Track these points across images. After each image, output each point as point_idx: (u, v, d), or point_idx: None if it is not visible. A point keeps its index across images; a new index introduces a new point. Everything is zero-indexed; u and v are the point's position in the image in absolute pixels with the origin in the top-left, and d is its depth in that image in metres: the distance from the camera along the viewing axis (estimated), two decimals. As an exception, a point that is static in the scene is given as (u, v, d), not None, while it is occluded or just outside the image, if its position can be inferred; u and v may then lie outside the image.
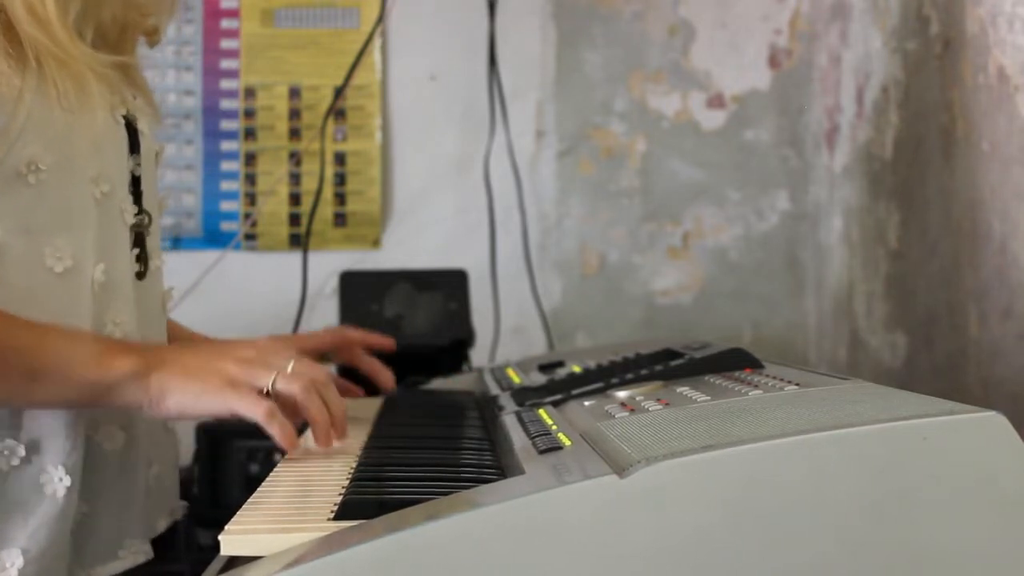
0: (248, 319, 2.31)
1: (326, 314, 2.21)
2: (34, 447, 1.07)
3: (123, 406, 1.07)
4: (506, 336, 2.29)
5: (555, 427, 1.02)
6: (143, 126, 1.21)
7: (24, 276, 1.07)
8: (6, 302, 1.04)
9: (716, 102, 2.37)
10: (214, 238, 2.35)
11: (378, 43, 2.35)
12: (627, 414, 0.98)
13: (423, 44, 2.37)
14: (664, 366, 1.20)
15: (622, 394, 1.11)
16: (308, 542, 0.81)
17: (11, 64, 1.04)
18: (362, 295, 1.93)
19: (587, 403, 1.11)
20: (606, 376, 1.21)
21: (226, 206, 2.36)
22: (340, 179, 2.37)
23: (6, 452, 1.07)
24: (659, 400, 1.03)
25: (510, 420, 1.13)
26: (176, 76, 2.36)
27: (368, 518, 0.82)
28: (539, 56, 2.37)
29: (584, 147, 2.37)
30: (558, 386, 1.24)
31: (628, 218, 2.37)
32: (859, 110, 2.11)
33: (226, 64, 2.36)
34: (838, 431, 0.78)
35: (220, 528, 0.84)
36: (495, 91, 2.34)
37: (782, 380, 1.03)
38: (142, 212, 1.19)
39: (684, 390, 1.07)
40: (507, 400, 1.28)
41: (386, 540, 0.75)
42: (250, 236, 2.36)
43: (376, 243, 2.37)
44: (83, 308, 1.10)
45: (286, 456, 1.12)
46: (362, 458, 1.08)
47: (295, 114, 2.36)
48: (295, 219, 2.36)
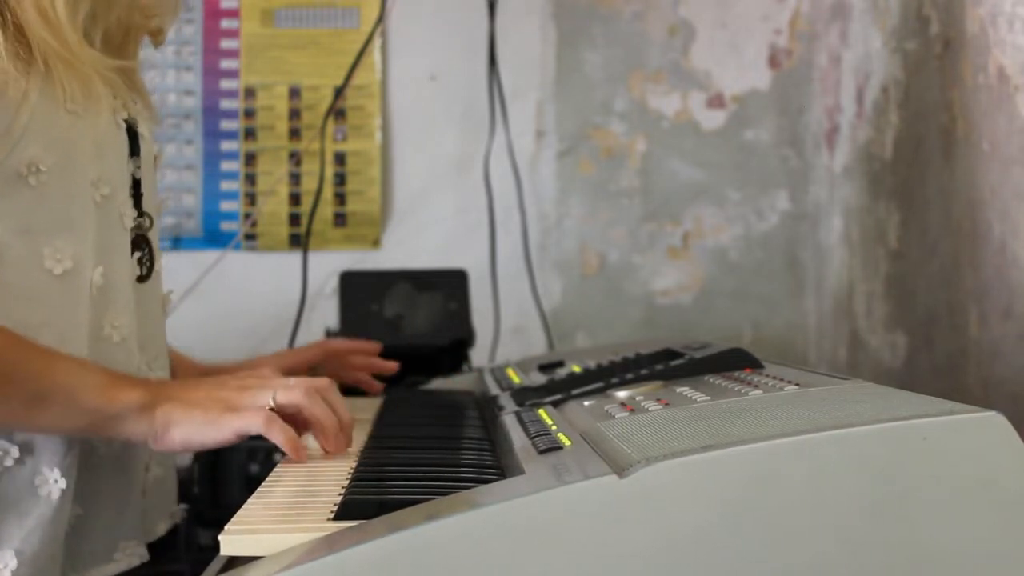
0: (248, 319, 2.31)
1: (326, 314, 2.21)
2: (28, 448, 1.07)
3: (126, 439, 1.07)
4: (506, 336, 2.29)
5: (555, 427, 1.02)
6: (143, 129, 1.21)
7: (23, 277, 1.07)
8: (5, 303, 1.05)
9: (716, 102, 2.37)
10: (214, 238, 2.35)
11: (378, 43, 2.35)
12: (627, 414, 0.98)
13: (423, 44, 2.37)
14: (664, 366, 1.20)
15: (622, 394, 1.11)
16: (308, 542, 0.81)
17: (19, 67, 1.04)
18: (362, 295, 1.93)
19: (587, 403, 1.11)
20: (606, 376, 1.21)
21: (226, 206, 2.36)
22: (340, 179, 2.36)
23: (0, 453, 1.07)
24: (659, 400, 1.03)
25: (510, 420, 1.13)
26: (176, 76, 2.36)
27: (368, 518, 0.82)
28: (539, 56, 2.37)
29: (584, 147, 2.37)
30: (558, 386, 1.24)
31: (628, 218, 2.37)
32: (859, 110, 2.11)
33: (226, 64, 2.36)
34: (838, 431, 0.78)
35: (220, 528, 0.84)
36: (495, 91, 2.33)
37: (782, 380, 1.03)
38: (143, 215, 1.20)
39: (684, 390, 1.07)
40: (507, 400, 1.28)
41: (386, 540, 0.75)
42: (250, 236, 2.36)
43: (376, 243, 2.37)
44: (81, 310, 1.10)
45: (286, 456, 1.12)
46: (362, 458, 1.08)
47: (295, 114, 2.36)
48: (295, 219, 2.36)
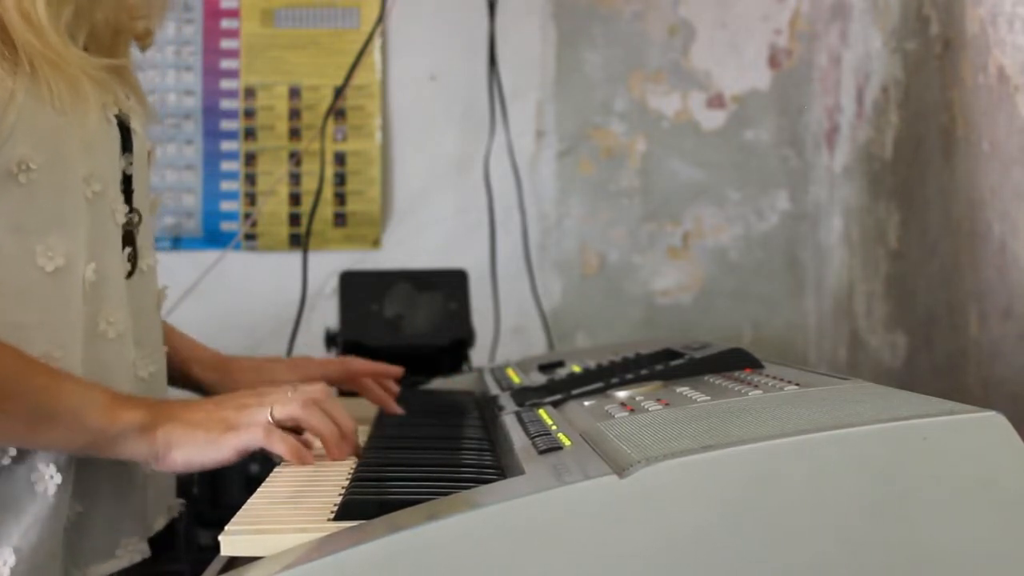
0: (248, 319, 2.31)
1: (326, 314, 2.21)
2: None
3: (127, 458, 1.08)
4: (506, 336, 2.29)
5: (555, 427, 1.02)
6: (136, 125, 1.21)
7: (15, 275, 1.07)
8: None
9: (716, 102, 2.37)
10: (214, 238, 2.35)
11: (378, 43, 2.35)
12: (627, 414, 0.98)
13: (423, 44, 2.37)
14: (664, 366, 1.20)
15: (622, 394, 1.11)
16: (308, 542, 0.81)
17: (3, 66, 1.04)
18: (362, 295, 1.93)
19: (587, 403, 1.11)
20: (606, 376, 1.21)
21: (226, 206, 2.36)
22: (340, 179, 2.36)
23: None
24: (659, 400, 1.03)
25: (510, 420, 1.13)
26: (176, 76, 2.36)
27: (368, 518, 0.82)
28: (539, 56, 2.37)
29: (584, 147, 2.37)
30: (558, 386, 1.24)
31: (628, 218, 2.37)
32: (859, 110, 2.11)
33: (226, 64, 2.36)
34: (838, 431, 0.78)
35: (220, 528, 0.84)
36: (495, 91, 2.33)
37: (782, 380, 1.03)
38: (132, 211, 1.20)
39: (684, 390, 1.07)
40: (507, 400, 1.28)
41: (386, 540, 0.75)
42: (250, 236, 2.36)
43: (376, 243, 2.37)
44: (74, 307, 1.10)
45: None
46: (362, 458, 1.08)
47: (295, 114, 2.36)
48: (295, 219, 2.36)
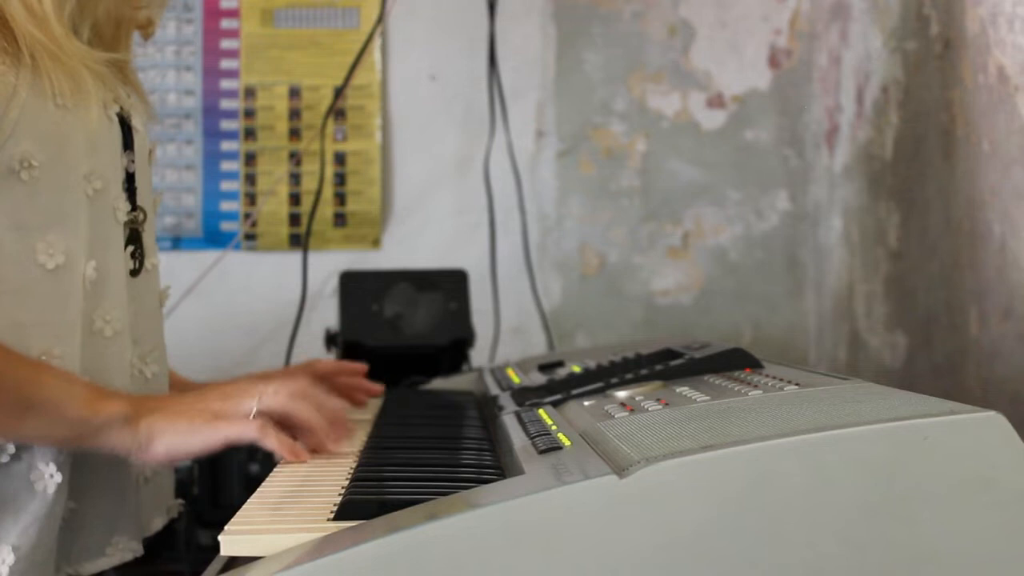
0: (248, 319, 2.31)
1: (326, 314, 2.21)
2: (23, 444, 1.07)
3: (110, 450, 1.08)
4: (506, 336, 2.29)
5: (555, 427, 1.02)
6: (137, 123, 1.21)
7: (16, 272, 1.07)
8: None
9: (716, 102, 2.37)
10: (214, 238, 2.35)
11: (378, 43, 2.35)
12: (627, 414, 0.98)
13: (423, 44, 2.37)
14: (664, 366, 1.20)
15: (622, 394, 1.11)
16: (308, 542, 0.81)
17: (5, 61, 1.04)
18: (362, 295, 1.93)
19: (587, 403, 1.11)
20: (606, 376, 1.21)
21: (226, 206, 2.36)
22: (340, 179, 2.36)
23: None
24: (659, 400, 1.03)
25: (510, 420, 1.13)
26: (176, 76, 2.36)
27: (368, 518, 0.82)
28: (539, 56, 2.37)
29: (584, 147, 2.37)
30: (558, 386, 1.24)
31: (628, 218, 2.37)
32: (859, 110, 2.11)
33: (226, 64, 2.36)
34: (838, 431, 0.78)
35: (220, 528, 0.84)
36: (495, 91, 2.33)
37: (782, 380, 1.03)
38: (136, 209, 1.19)
39: (684, 390, 1.07)
40: (507, 400, 1.28)
41: (386, 540, 0.75)
42: (250, 236, 2.36)
43: (376, 243, 2.37)
44: (73, 304, 1.10)
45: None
46: (362, 458, 1.08)
47: (295, 114, 2.36)
48: (295, 219, 2.36)
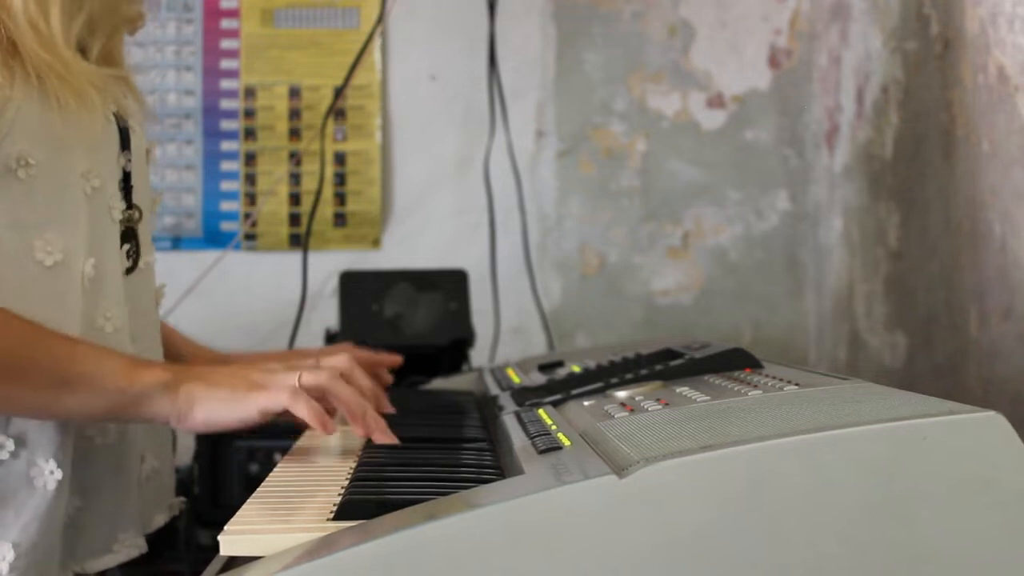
0: (248, 319, 2.31)
1: (326, 314, 2.21)
2: (22, 441, 1.08)
3: (150, 419, 1.08)
4: (506, 336, 2.29)
5: (555, 427, 1.02)
6: (134, 123, 1.21)
7: (14, 270, 1.07)
8: None
9: (716, 102, 2.37)
10: (214, 238, 2.35)
11: (378, 43, 2.35)
12: (627, 414, 0.98)
13: (423, 44, 2.37)
14: (664, 366, 1.20)
15: (622, 394, 1.11)
16: (308, 542, 0.81)
17: (5, 75, 1.05)
18: (362, 295, 1.93)
19: (587, 403, 1.11)
20: (606, 376, 1.21)
21: (226, 206, 2.36)
22: (340, 179, 2.36)
23: None
24: (659, 400, 1.03)
25: (510, 420, 1.13)
26: (176, 76, 2.36)
27: (368, 518, 0.82)
28: (539, 56, 2.37)
29: (584, 147, 2.37)
30: (558, 386, 1.24)
31: (628, 218, 2.37)
32: (859, 110, 2.11)
33: (226, 64, 2.36)
34: (838, 431, 0.78)
35: (220, 528, 0.84)
36: (495, 91, 2.33)
37: (782, 380, 1.03)
38: (132, 207, 1.20)
39: (684, 390, 1.07)
40: (507, 400, 1.28)
41: (386, 540, 0.75)
42: (250, 236, 2.36)
43: (376, 243, 2.37)
44: (71, 301, 1.11)
45: (286, 455, 1.12)
46: (362, 458, 1.08)
47: (295, 114, 2.36)
48: (295, 219, 2.36)
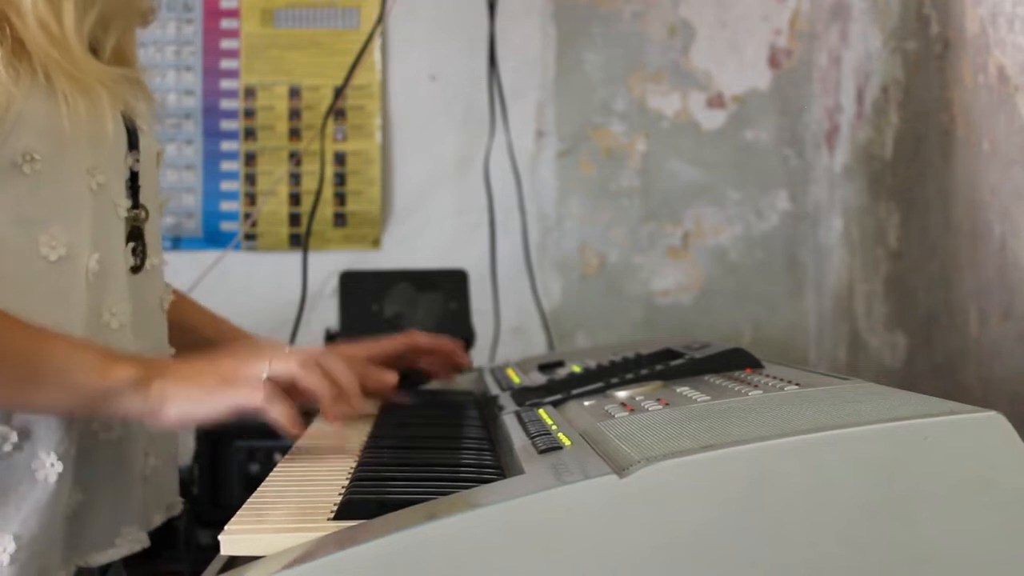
0: (248, 319, 2.30)
1: (326, 314, 2.21)
2: (25, 433, 1.08)
3: (122, 416, 1.08)
4: (506, 336, 2.29)
5: (555, 427, 1.02)
6: (142, 123, 1.21)
7: (19, 264, 1.07)
8: (1, 291, 1.05)
9: (716, 102, 2.37)
10: (214, 238, 2.35)
11: (378, 43, 2.35)
12: (627, 414, 0.98)
13: (423, 44, 2.37)
14: (664, 366, 1.20)
15: (622, 394, 1.11)
16: (308, 542, 0.81)
17: (10, 73, 1.04)
18: (362, 295, 1.93)
19: (587, 403, 1.11)
20: (606, 376, 1.21)
21: (226, 206, 2.36)
22: (340, 179, 2.36)
23: None
24: (659, 400, 1.03)
25: (510, 420, 1.13)
26: (176, 76, 2.36)
27: (368, 518, 0.82)
28: (539, 56, 2.37)
29: (584, 147, 2.37)
30: (558, 386, 1.24)
31: (628, 218, 2.37)
32: (859, 110, 2.11)
33: (226, 64, 2.36)
34: (838, 431, 0.78)
35: (220, 528, 0.84)
36: (495, 91, 2.33)
37: (782, 380, 1.03)
38: (138, 207, 1.20)
39: (684, 390, 1.07)
40: (507, 400, 1.28)
41: (386, 540, 0.75)
42: (250, 236, 2.36)
43: (376, 243, 2.37)
44: (76, 296, 1.11)
45: (287, 455, 1.12)
46: (362, 458, 1.08)
47: (295, 114, 2.36)
48: (295, 219, 2.36)
